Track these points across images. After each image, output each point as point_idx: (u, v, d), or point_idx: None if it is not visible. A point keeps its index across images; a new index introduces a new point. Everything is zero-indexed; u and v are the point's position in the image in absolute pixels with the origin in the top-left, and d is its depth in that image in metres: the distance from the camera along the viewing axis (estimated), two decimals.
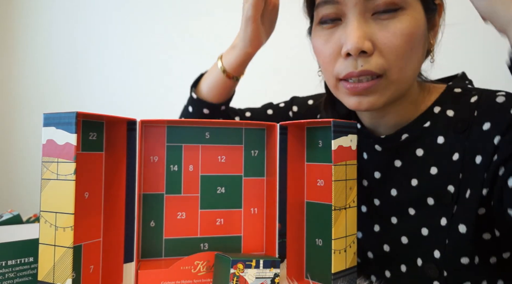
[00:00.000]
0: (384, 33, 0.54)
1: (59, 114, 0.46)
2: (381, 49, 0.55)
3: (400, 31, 0.54)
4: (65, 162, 0.46)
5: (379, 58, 0.55)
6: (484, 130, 0.56)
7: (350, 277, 0.54)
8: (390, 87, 0.57)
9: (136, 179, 0.55)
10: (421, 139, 0.63)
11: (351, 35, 0.54)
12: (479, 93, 0.61)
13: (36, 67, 1.88)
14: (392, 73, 0.56)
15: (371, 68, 0.55)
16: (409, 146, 0.63)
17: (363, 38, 0.54)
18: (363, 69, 0.55)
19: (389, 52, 0.55)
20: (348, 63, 0.56)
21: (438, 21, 0.62)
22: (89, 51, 1.83)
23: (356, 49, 0.54)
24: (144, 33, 1.77)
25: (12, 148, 1.90)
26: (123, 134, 0.55)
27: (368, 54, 0.55)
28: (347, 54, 0.56)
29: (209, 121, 0.59)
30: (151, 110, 1.74)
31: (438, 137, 0.61)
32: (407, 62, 0.56)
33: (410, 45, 0.55)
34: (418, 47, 0.57)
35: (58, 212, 0.46)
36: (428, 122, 0.62)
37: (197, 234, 0.58)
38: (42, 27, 1.88)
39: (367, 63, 0.55)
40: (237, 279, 0.49)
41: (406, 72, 0.57)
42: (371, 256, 0.68)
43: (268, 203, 0.60)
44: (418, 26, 0.56)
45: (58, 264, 0.45)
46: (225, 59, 0.74)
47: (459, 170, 0.58)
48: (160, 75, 1.75)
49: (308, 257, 0.58)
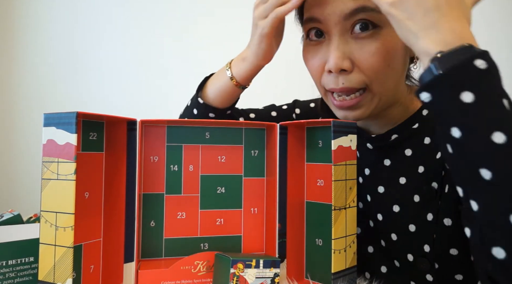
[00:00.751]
0: (361, 53, 0.57)
1: (60, 114, 0.46)
2: (359, 67, 0.58)
3: (375, 50, 0.57)
4: (65, 161, 0.46)
5: (359, 75, 0.58)
6: None
7: (350, 277, 0.54)
8: (374, 100, 0.61)
9: (136, 179, 0.55)
10: (409, 140, 0.65)
11: (331, 55, 0.58)
12: None
13: (36, 67, 1.88)
14: (373, 87, 0.59)
15: (352, 84, 0.59)
16: (398, 146, 0.66)
17: (342, 58, 0.57)
18: (344, 87, 0.59)
19: (367, 69, 0.58)
20: (330, 79, 0.60)
21: None
22: (89, 51, 1.83)
23: (336, 68, 0.58)
24: (144, 33, 1.77)
25: (12, 148, 1.90)
26: (123, 134, 0.55)
27: (348, 71, 0.58)
28: (329, 71, 0.60)
29: (209, 121, 0.59)
30: (151, 110, 1.74)
31: (425, 138, 0.63)
32: (386, 76, 0.59)
33: (387, 62, 0.58)
34: (396, 62, 0.59)
35: (59, 212, 0.46)
36: (416, 124, 0.65)
37: (197, 234, 0.58)
38: (42, 27, 1.88)
39: (347, 80, 0.59)
40: (237, 279, 0.49)
41: (387, 84, 0.60)
42: (370, 251, 0.69)
43: (268, 203, 0.60)
44: (395, 43, 0.58)
45: (59, 264, 0.45)
46: (235, 69, 0.73)
47: (441, 167, 0.61)
48: (160, 75, 1.75)
49: (308, 257, 0.58)
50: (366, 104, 0.61)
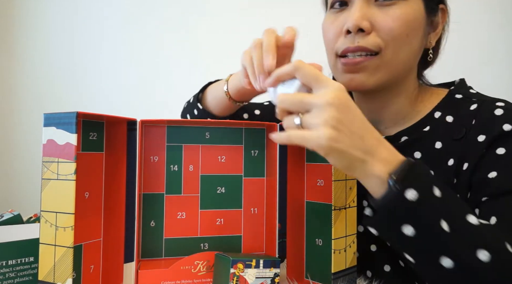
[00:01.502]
0: (383, 16, 0.60)
1: (60, 115, 0.46)
2: (378, 29, 0.60)
3: (398, 16, 0.59)
4: (65, 161, 0.46)
5: (376, 37, 0.60)
6: (479, 141, 0.58)
7: (350, 276, 0.54)
8: (381, 68, 0.61)
9: (136, 179, 0.55)
10: (419, 142, 0.64)
11: (352, 15, 0.60)
12: (479, 101, 0.62)
13: (36, 67, 1.88)
14: (386, 53, 0.60)
15: (367, 45, 0.60)
16: (407, 148, 0.65)
17: (362, 18, 0.59)
18: (359, 45, 0.60)
19: (386, 33, 0.60)
20: (347, 40, 0.62)
21: (440, 25, 0.66)
22: (89, 51, 1.83)
23: (354, 26, 0.59)
24: (144, 33, 1.77)
25: (12, 148, 1.90)
26: (123, 134, 0.55)
27: (366, 32, 0.60)
28: (347, 32, 0.61)
29: (209, 121, 0.59)
30: (151, 110, 1.74)
31: (436, 142, 0.63)
32: (401, 45, 0.60)
33: (406, 30, 0.60)
34: (414, 35, 0.61)
35: (59, 212, 0.46)
36: (428, 127, 0.64)
37: (197, 234, 0.58)
38: (41, 27, 1.88)
39: (363, 40, 0.60)
40: (237, 279, 0.49)
41: (399, 55, 0.61)
42: (373, 250, 0.69)
43: (268, 203, 0.60)
44: (416, 17, 0.60)
45: (59, 263, 0.45)
46: (231, 83, 0.70)
47: (453, 175, 0.60)
48: (161, 75, 1.75)
49: (308, 257, 0.58)
50: (371, 69, 0.61)
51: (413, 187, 0.42)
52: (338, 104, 0.42)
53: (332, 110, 0.42)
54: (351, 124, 0.43)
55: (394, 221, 0.43)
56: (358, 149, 0.43)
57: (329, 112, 0.42)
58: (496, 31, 1.26)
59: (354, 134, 0.43)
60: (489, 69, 1.25)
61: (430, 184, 0.43)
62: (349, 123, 0.43)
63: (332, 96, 0.42)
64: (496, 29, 1.27)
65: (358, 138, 0.43)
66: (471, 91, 0.66)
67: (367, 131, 0.44)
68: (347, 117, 0.43)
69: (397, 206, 0.42)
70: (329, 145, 0.42)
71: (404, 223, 0.42)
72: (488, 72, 1.25)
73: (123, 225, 0.55)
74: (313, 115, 0.43)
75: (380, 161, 0.44)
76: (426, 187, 0.43)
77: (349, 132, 0.43)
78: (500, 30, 1.26)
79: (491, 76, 1.25)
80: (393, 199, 0.42)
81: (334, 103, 0.42)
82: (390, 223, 0.44)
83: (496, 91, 0.72)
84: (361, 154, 0.44)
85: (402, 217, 0.43)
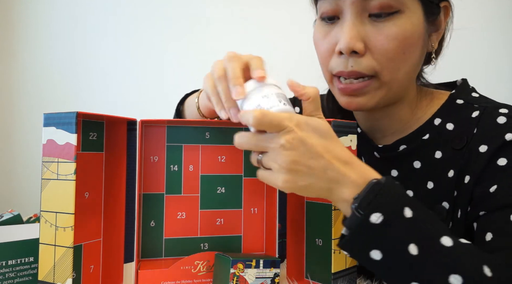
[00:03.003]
0: (377, 36, 0.55)
1: (60, 114, 0.46)
2: (372, 51, 0.56)
3: (393, 35, 0.55)
4: (65, 161, 0.46)
5: (370, 60, 0.56)
6: (481, 152, 0.55)
7: (350, 277, 0.54)
8: (382, 89, 0.58)
9: (136, 179, 0.55)
10: (419, 151, 0.62)
11: (344, 35, 0.55)
12: (481, 108, 0.59)
13: (36, 67, 1.88)
14: (383, 75, 0.57)
15: (361, 69, 0.56)
16: (406, 157, 0.63)
17: (356, 39, 0.55)
18: (353, 70, 0.57)
19: (381, 54, 0.56)
20: (340, 61, 0.58)
21: (443, 23, 0.61)
22: (89, 51, 1.83)
23: (347, 49, 0.55)
24: (144, 32, 1.77)
25: (12, 147, 1.90)
26: (123, 134, 0.55)
27: (360, 54, 0.56)
28: (339, 52, 0.57)
29: (209, 121, 0.59)
30: (151, 110, 1.74)
31: (436, 151, 0.61)
32: (399, 64, 0.57)
33: (403, 49, 0.56)
34: (412, 50, 0.57)
35: (59, 212, 0.46)
36: (427, 135, 0.62)
37: (197, 234, 0.58)
38: (42, 27, 1.88)
39: (357, 64, 0.56)
40: (237, 279, 0.49)
41: (398, 74, 0.57)
42: None
43: (268, 203, 0.60)
44: (414, 31, 0.56)
45: (59, 264, 0.45)
46: (201, 101, 0.63)
47: (454, 187, 0.58)
48: (161, 75, 1.75)
49: (308, 257, 0.58)
50: (371, 92, 0.58)
51: (378, 210, 0.41)
52: (291, 146, 0.42)
53: (285, 154, 0.42)
54: (309, 160, 0.43)
55: (361, 244, 0.42)
56: (321, 181, 0.43)
57: (282, 157, 0.42)
58: (498, 29, 1.26)
59: (314, 169, 0.43)
60: (493, 68, 1.25)
61: (399, 205, 0.42)
62: (306, 160, 0.43)
63: (284, 140, 0.42)
64: (498, 28, 1.27)
65: (320, 171, 0.43)
66: (473, 95, 0.63)
67: (330, 161, 0.43)
68: (303, 157, 0.43)
69: (362, 230, 0.42)
70: (286, 187, 0.44)
71: (371, 246, 0.42)
72: (493, 71, 1.25)
73: (123, 225, 0.55)
74: (269, 158, 0.44)
75: (348, 185, 0.43)
76: (394, 209, 0.41)
77: (308, 169, 0.43)
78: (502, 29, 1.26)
79: (495, 75, 1.25)
80: (358, 223, 0.42)
81: (286, 146, 0.42)
82: (357, 247, 0.43)
83: (497, 91, 0.70)
84: (326, 184, 0.44)
85: (368, 241, 0.42)
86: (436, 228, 0.42)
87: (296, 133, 0.43)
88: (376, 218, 0.41)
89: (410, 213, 0.42)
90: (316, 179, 0.43)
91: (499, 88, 1.24)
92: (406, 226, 0.41)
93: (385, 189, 0.42)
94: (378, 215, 0.41)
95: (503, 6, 1.27)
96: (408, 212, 0.42)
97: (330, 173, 0.43)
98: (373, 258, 0.42)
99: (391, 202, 0.42)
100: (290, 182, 0.43)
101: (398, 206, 0.42)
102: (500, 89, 1.23)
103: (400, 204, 0.42)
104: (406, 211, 0.42)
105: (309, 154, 0.43)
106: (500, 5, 1.27)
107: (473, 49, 1.24)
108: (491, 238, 0.49)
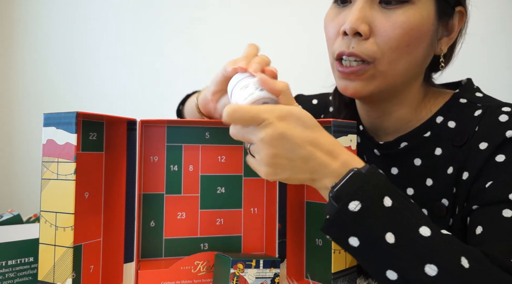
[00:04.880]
0: (384, 22, 0.55)
1: (59, 114, 0.46)
2: (376, 36, 0.56)
3: (400, 23, 0.55)
4: (65, 161, 0.46)
5: (373, 45, 0.56)
6: (481, 149, 0.55)
7: (350, 277, 0.54)
8: (377, 78, 0.58)
9: (136, 179, 0.55)
10: (419, 149, 0.62)
11: (351, 16, 0.56)
12: (484, 107, 0.59)
13: (35, 67, 1.88)
14: (381, 64, 0.57)
15: (361, 52, 0.56)
16: (407, 155, 0.63)
17: (361, 21, 0.55)
18: (353, 51, 0.57)
19: (384, 41, 0.56)
20: (343, 42, 0.58)
21: (456, 29, 0.61)
22: (89, 51, 1.83)
23: (351, 29, 0.56)
24: (144, 32, 1.77)
25: (12, 147, 1.90)
26: (123, 134, 0.55)
27: (363, 37, 0.56)
28: (344, 33, 0.57)
29: (209, 121, 0.59)
30: (151, 110, 1.74)
31: (436, 148, 0.61)
32: (399, 56, 0.56)
33: (407, 40, 0.55)
34: (416, 45, 0.57)
35: (58, 212, 0.46)
36: (428, 132, 0.62)
37: (197, 234, 0.58)
38: (41, 27, 1.88)
39: (359, 46, 0.57)
40: (237, 279, 0.49)
41: (396, 66, 0.57)
42: None
43: (268, 203, 0.60)
44: (422, 24, 0.56)
45: (58, 264, 0.45)
46: (201, 97, 0.64)
47: (453, 184, 0.58)
48: (160, 75, 1.75)
49: (308, 257, 0.58)
50: (367, 79, 0.58)
51: (356, 199, 0.41)
52: (271, 140, 0.43)
53: (265, 148, 0.43)
54: (290, 153, 0.43)
55: (340, 231, 0.43)
56: (302, 172, 0.45)
57: (263, 151, 0.44)
58: (498, 29, 1.26)
59: (294, 161, 0.44)
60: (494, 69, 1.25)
61: (378, 194, 0.42)
62: (286, 153, 0.43)
63: (264, 134, 0.43)
64: (498, 28, 1.27)
65: (301, 162, 0.44)
66: (477, 95, 0.63)
67: (311, 152, 0.44)
68: (283, 149, 0.43)
69: (340, 217, 0.42)
70: (269, 178, 0.46)
71: (349, 233, 0.42)
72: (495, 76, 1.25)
73: (123, 225, 0.55)
74: (253, 149, 0.46)
75: (329, 175, 0.44)
76: (373, 197, 0.42)
77: (288, 161, 0.44)
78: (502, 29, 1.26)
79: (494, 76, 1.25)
80: (336, 211, 0.42)
81: (266, 140, 0.43)
82: (336, 233, 0.44)
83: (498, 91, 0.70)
84: (307, 174, 0.45)
85: (346, 228, 0.42)
86: (416, 218, 0.43)
87: (275, 127, 0.43)
88: (354, 206, 0.41)
89: (389, 202, 0.42)
90: (297, 170, 0.44)
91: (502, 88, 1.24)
92: (384, 214, 0.42)
93: (365, 178, 0.43)
94: (356, 203, 0.41)
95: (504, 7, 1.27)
96: (387, 201, 0.42)
97: (312, 163, 0.44)
98: (351, 245, 0.42)
99: (370, 191, 0.42)
100: (271, 174, 0.45)
101: (378, 195, 0.42)
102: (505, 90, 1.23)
103: (380, 193, 0.42)
104: (385, 200, 0.42)
105: (290, 146, 0.43)
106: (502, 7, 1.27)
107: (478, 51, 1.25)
108: (480, 232, 0.49)
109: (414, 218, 0.42)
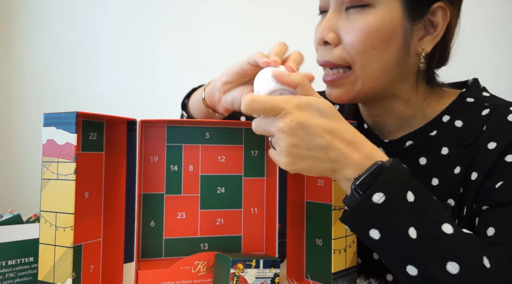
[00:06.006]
0: (347, 28, 0.57)
1: (59, 114, 0.46)
2: (343, 43, 0.58)
3: (359, 28, 0.56)
4: (65, 161, 0.46)
5: (341, 51, 0.58)
6: (489, 149, 0.55)
7: (350, 277, 0.54)
8: (357, 83, 0.59)
9: (136, 179, 0.55)
10: (425, 148, 0.62)
11: (320, 26, 0.59)
12: (491, 106, 0.58)
13: (35, 67, 1.88)
14: (356, 68, 0.58)
15: (332, 59, 0.58)
16: (412, 153, 0.63)
17: (328, 30, 0.57)
18: (325, 60, 0.59)
19: (349, 46, 0.57)
20: (319, 52, 0.61)
21: (440, 26, 0.58)
22: (89, 51, 1.83)
23: (319, 39, 0.59)
24: (144, 32, 1.77)
25: (12, 148, 1.90)
26: (123, 134, 0.55)
27: (332, 45, 0.58)
28: (317, 43, 0.60)
29: (209, 121, 0.59)
30: (151, 110, 1.74)
31: (443, 148, 0.60)
32: (370, 59, 0.57)
33: (371, 43, 0.56)
34: (383, 47, 0.56)
35: (58, 212, 0.46)
36: (435, 131, 0.61)
37: (197, 234, 0.58)
38: (41, 27, 1.88)
39: (329, 54, 0.59)
40: (237, 279, 0.49)
41: (369, 69, 0.57)
42: (376, 258, 0.67)
43: (268, 203, 0.60)
44: (385, 27, 0.56)
45: (58, 264, 0.45)
46: (208, 90, 0.65)
47: (460, 184, 0.57)
48: (160, 75, 1.75)
49: (308, 257, 0.58)
50: (348, 85, 0.59)
51: (380, 190, 0.41)
52: (289, 129, 0.44)
53: (285, 138, 0.44)
54: (309, 143, 0.44)
55: (361, 222, 0.43)
56: (322, 162, 0.45)
57: (283, 141, 0.44)
58: (498, 29, 1.26)
59: (314, 151, 0.44)
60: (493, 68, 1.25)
61: (402, 188, 0.42)
62: (305, 143, 0.44)
63: (282, 123, 0.44)
64: (499, 28, 1.27)
65: (321, 152, 0.44)
66: (484, 94, 0.62)
67: (331, 142, 0.44)
68: (302, 139, 0.44)
69: (363, 208, 0.42)
70: (289, 169, 0.46)
71: (370, 225, 0.42)
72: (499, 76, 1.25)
73: (123, 225, 0.55)
74: (274, 140, 0.46)
75: (350, 166, 0.44)
76: (396, 191, 0.42)
77: (308, 151, 0.44)
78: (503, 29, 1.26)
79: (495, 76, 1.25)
80: (359, 202, 0.42)
81: (285, 130, 0.44)
82: (357, 224, 0.44)
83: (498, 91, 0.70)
84: (328, 164, 0.45)
85: (368, 219, 0.42)
86: (438, 214, 0.43)
87: (294, 116, 0.44)
88: (378, 198, 0.41)
89: (412, 197, 0.42)
90: (317, 160, 0.45)
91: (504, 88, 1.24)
92: (407, 209, 0.42)
93: (390, 171, 0.43)
94: (380, 195, 0.41)
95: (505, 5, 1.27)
96: (410, 196, 0.42)
97: (332, 153, 0.44)
98: (372, 237, 0.42)
99: (394, 184, 0.42)
100: (291, 164, 0.45)
101: (401, 189, 0.42)
102: None
103: (403, 187, 0.42)
104: (409, 194, 0.42)
105: (309, 136, 0.44)
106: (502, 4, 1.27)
107: (478, 49, 1.25)
108: (493, 233, 0.49)
109: (437, 215, 0.43)
